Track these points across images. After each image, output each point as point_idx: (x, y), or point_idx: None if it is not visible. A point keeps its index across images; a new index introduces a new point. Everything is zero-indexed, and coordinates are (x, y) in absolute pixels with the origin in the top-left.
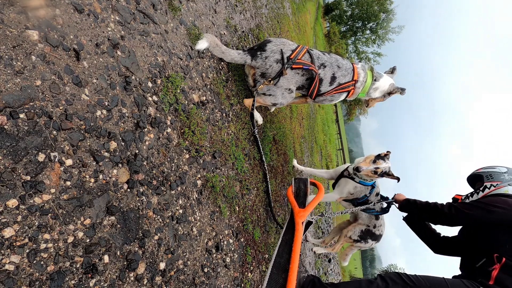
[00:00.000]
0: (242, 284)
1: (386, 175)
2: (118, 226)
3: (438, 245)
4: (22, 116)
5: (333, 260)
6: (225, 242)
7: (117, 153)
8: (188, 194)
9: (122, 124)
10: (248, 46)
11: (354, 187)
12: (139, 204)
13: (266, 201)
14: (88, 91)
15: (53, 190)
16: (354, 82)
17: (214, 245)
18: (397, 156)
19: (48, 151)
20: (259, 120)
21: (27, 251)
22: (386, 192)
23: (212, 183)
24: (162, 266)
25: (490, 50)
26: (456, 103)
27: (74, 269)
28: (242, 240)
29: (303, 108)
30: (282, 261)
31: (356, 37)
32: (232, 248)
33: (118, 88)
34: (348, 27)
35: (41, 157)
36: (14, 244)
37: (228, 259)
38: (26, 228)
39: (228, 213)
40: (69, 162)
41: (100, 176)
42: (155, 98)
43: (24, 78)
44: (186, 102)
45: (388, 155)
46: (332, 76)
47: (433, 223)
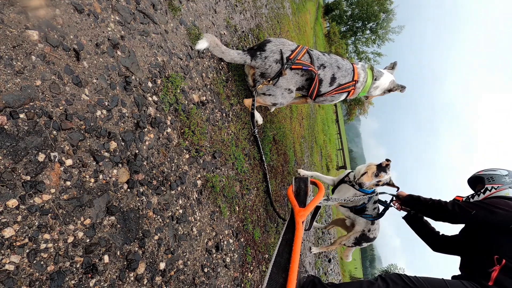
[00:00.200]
0: (242, 284)
1: (387, 185)
2: (118, 226)
3: (437, 243)
4: (22, 116)
5: (333, 260)
6: (225, 242)
7: (117, 153)
8: (188, 194)
9: (122, 124)
10: (248, 46)
11: (354, 195)
12: (139, 204)
13: (266, 201)
14: (88, 91)
15: (53, 190)
16: (354, 83)
17: (214, 245)
18: (397, 157)
19: (48, 151)
20: (259, 120)
21: (27, 251)
22: (386, 192)
23: (212, 183)
24: (162, 266)
25: (490, 50)
26: (456, 103)
27: (74, 269)
28: (242, 240)
29: (303, 108)
30: (282, 260)
31: (356, 37)
32: (232, 248)
33: (118, 88)
34: (348, 27)
35: (41, 157)
36: (14, 244)
37: (228, 259)
38: (26, 228)
39: (228, 213)
40: (69, 162)
41: (100, 176)
42: (155, 98)
43: (24, 78)
44: (186, 102)
45: (389, 165)
46: (332, 77)
47: (435, 220)
